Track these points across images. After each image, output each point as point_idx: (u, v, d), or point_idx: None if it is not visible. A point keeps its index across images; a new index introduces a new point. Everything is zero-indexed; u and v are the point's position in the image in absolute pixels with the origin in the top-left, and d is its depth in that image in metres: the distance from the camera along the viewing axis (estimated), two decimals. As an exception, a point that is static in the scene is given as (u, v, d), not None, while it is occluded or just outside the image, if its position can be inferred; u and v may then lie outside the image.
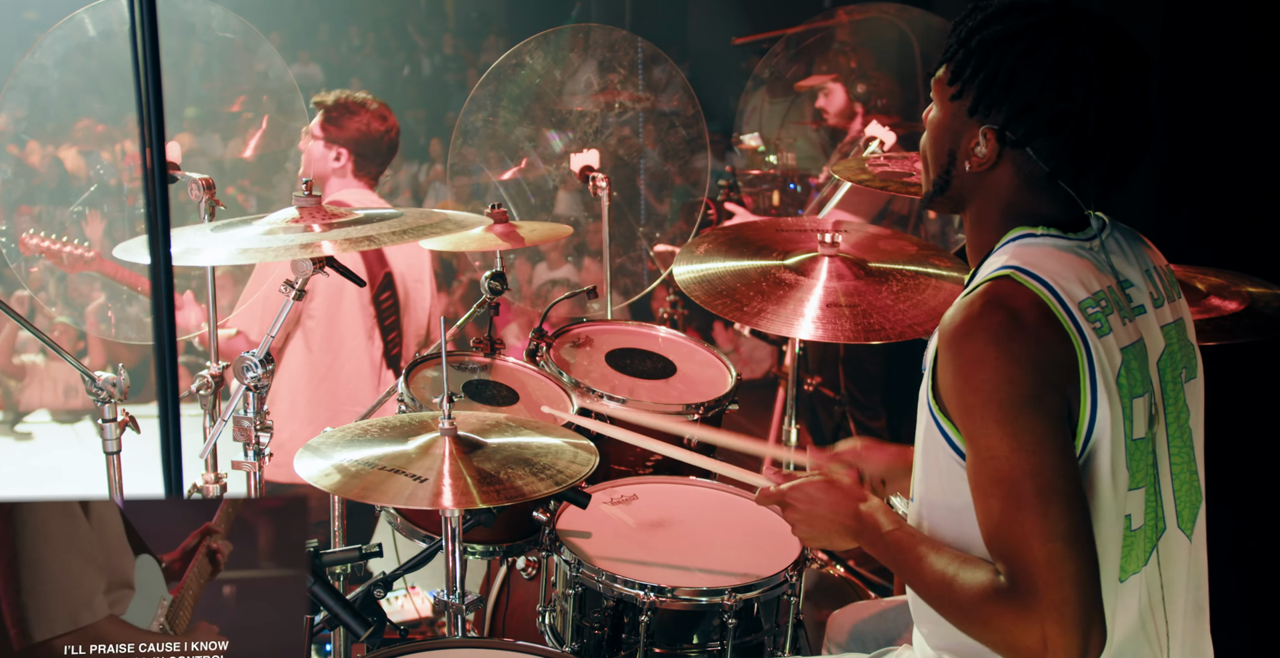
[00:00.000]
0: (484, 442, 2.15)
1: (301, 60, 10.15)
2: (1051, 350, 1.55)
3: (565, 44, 4.21)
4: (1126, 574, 1.64)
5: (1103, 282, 1.63)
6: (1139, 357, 1.63)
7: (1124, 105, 1.61)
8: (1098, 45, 1.60)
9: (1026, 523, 1.49)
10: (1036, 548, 1.47)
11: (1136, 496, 1.63)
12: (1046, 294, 1.57)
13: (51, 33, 3.12)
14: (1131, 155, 1.65)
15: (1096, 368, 1.55)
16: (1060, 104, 1.60)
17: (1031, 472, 1.50)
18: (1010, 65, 1.62)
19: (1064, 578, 1.46)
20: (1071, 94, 1.60)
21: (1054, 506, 1.48)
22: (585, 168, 3.50)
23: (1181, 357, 1.73)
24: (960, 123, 1.71)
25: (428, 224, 2.24)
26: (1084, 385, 1.55)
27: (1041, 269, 1.60)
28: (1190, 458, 1.74)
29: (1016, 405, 1.51)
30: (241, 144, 4.20)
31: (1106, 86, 1.60)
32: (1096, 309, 1.59)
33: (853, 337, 2.63)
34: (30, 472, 5.78)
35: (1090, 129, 1.61)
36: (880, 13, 4.87)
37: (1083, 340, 1.56)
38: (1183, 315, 1.76)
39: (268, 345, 2.17)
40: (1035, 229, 1.67)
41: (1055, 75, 1.60)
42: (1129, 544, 1.63)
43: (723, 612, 2.16)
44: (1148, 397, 1.64)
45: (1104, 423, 1.56)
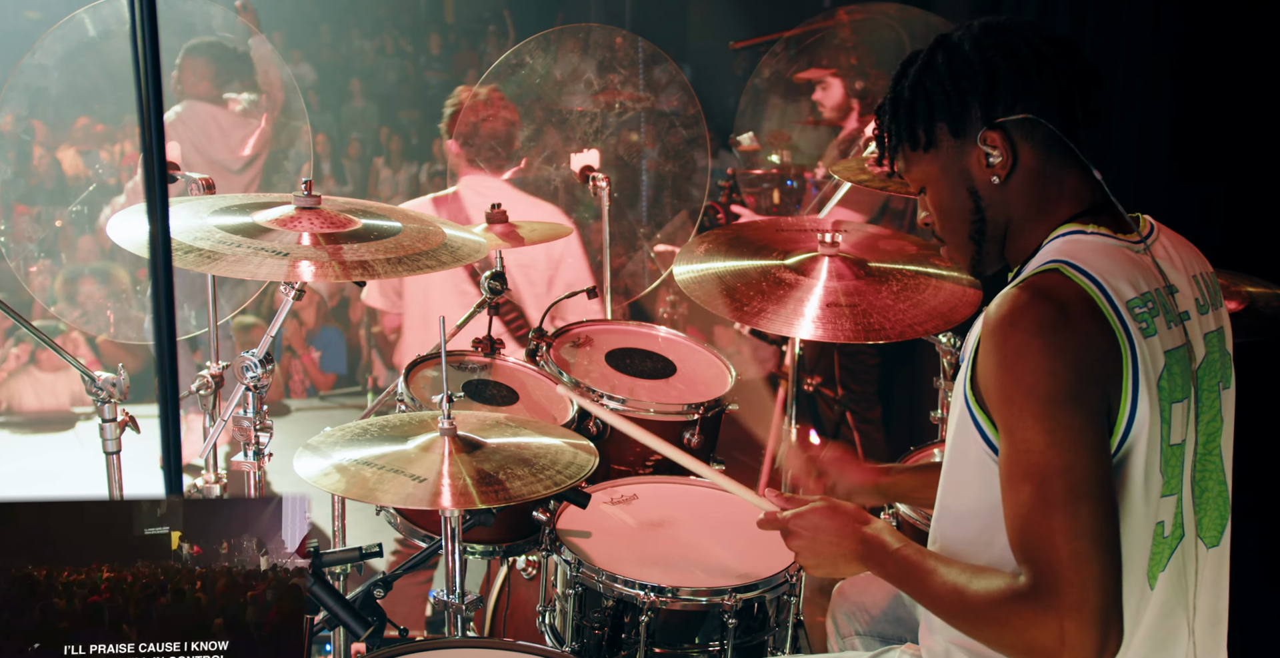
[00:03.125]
0: (483, 442, 2.15)
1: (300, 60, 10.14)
2: (1096, 346, 1.53)
3: (565, 44, 4.21)
4: (1155, 580, 1.63)
5: (1150, 283, 1.62)
6: (1181, 362, 1.61)
7: (1030, 38, 1.67)
8: (984, 21, 1.71)
9: (1054, 519, 1.47)
10: (1061, 545, 1.46)
11: (1169, 502, 1.62)
12: (1094, 289, 1.56)
13: (51, 33, 3.12)
14: (1089, 82, 1.68)
15: (1140, 368, 1.54)
16: (1008, 64, 1.66)
17: (1064, 469, 1.48)
18: (942, 76, 1.69)
19: (1087, 578, 1.45)
20: (1002, 54, 1.66)
21: (1083, 505, 1.47)
22: (585, 168, 3.50)
23: (1220, 365, 1.72)
24: (955, 156, 1.72)
25: (424, 252, 2.20)
26: (1126, 384, 1.54)
27: (1090, 265, 1.59)
28: (1218, 468, 1.72)
29: (1057, 401, 1.50)
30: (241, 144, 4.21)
31: (1010, 30, 1.68)
32: (1144, 309, 1.58)
33: (853, 337, 2.63)
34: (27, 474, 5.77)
35: (1032, 65, 1.66)
36: (880, 13, 4.87)
37: (1128, 338, 1.54)
38: (1224, 324, 1.75)
39: (267, 345, 2.17)
40: (1085, 227, 1.66)
41: (978, 49, 1.67)
42: (1158, 550, 1.62)
43: (723, 612, 2.16)
44: (1186, 403, 1.62)
45: (1142, 424, 1.54)
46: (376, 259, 2.11)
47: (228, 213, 2.21)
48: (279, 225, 2.17)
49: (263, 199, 2.32)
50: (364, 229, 2.22)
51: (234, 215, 2.20)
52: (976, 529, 1.67)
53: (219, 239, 2.06)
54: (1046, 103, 1.66)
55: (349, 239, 2.16)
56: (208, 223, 2.13)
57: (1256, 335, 2.52)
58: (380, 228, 2.25)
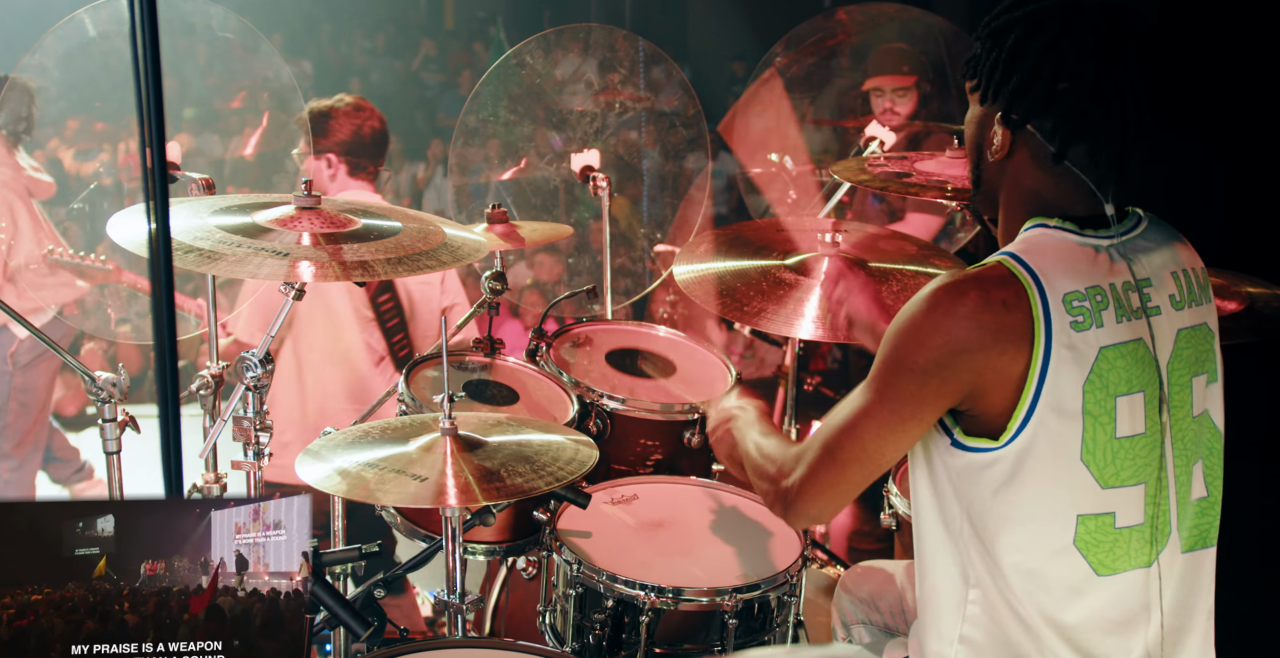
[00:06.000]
0: (485, 440, 2.15)
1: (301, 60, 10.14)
2: (997, 338, 1.59)
3: (565, 44, 4.21)
4: (1109, 570, 1.65)
5: (1106, 279, 1.64)
6: (1132, 355, 1.63)
7: (1121, 81, 1.62)
8: (1096, 24, 1.63)
9: (828, 467, 1.72)
10: (818, 483, 1.73)
11: (1126, 493, 1.64)
12: (1029, 282, 1.60)
13: (51, 33, 3.12)
14: (1139, 132, 1.65)
15: (1053, 360, 1.58)
16: (1056, 82, 1.63)
17: (865, 435, 1.67)
18: (1010, 49, 1.67)
19: (816, 507, 1.76)
20: (1065, 71, 1.63)
21: (853, 467, 1.71)
22: (585, 168, 3.50)
23: (1198, 360, 1.72)
24: (983, 115, 1.76)
25: (424, 252, 2.20)
26: (1033, 374, 1.58)
27: (1033, 257, 1.63)
28: (1212, 464, 1.73)
29: (905, 369, 1.63)
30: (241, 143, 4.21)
31: (1101, 63, 1.62)
32: (1084, 303, 1.61)
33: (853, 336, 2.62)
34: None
35: (1086, 104, 1.63)
36: (880, 13, 4.86)
37: (1047, 331, 1.58)
38: (1207, 320, 1.74)
39: (267, 345, 2.17)
40: (1050, 220, 1.69)
41: (1049, 53, 1.64)
42: (1112, 541, 1.64)
43: (723, 612, 2.16)
44: (1142, 396, 1.64)
45: (1050, 415, 1.59)
46: (377, 259, 2.11)
47: (228, 213, 2.21)
48: (279, 225, 2.17)
49: (263, 199, 2.32)
50: (364, 229, 2.22)
51: (234, 215, 2.20)
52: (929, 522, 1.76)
53: (219, 239, 2.06)
54: (1060, 129, 1.66)
55: (349, 239, 2.16)
56: (208, 223, 2.13)
57: (1256, 335, 2.51)
58: (380, 228, 2.25)
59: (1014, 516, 1.63)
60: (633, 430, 2.68)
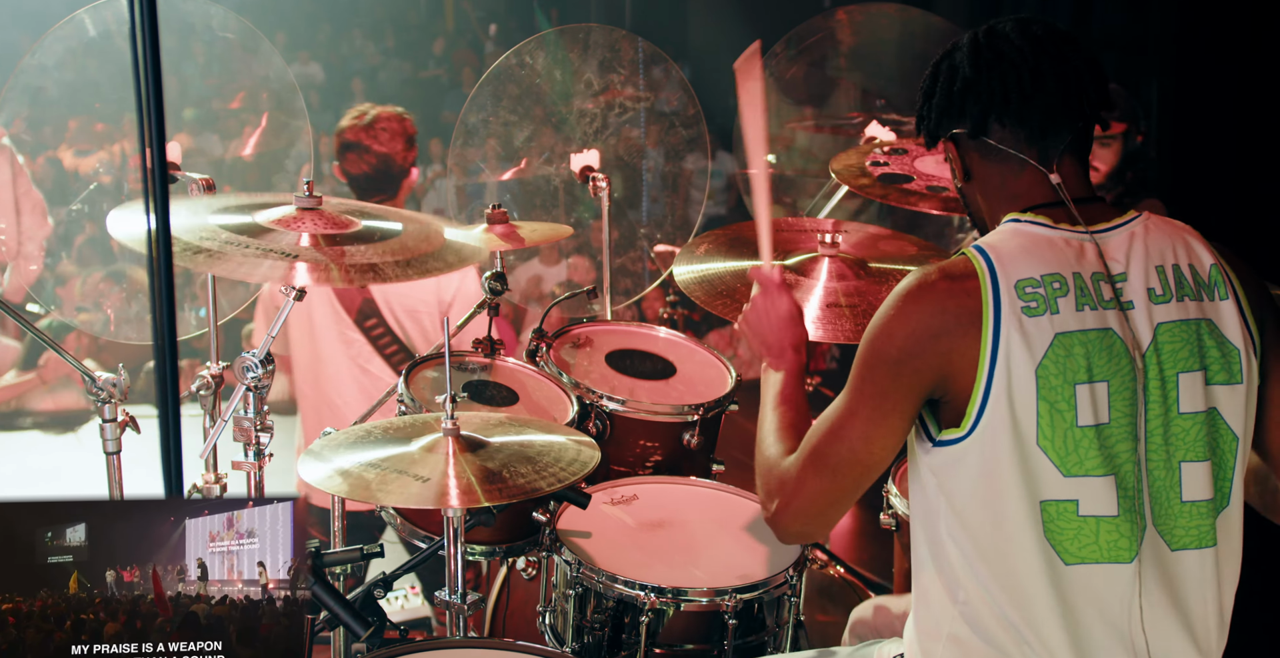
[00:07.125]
0: (486, 440, 2.15)
1: (302, 60, 10.14)
2: (953, 321, 1.65)
3: (565, 44, 4.21)
4: (1076, 559, 1.67)
5: (1071, 268, 1.68)
6: (1096, 344, 1.65)
7: (1003, 48, 1.74)
8: (977, 33, 1.78)
9: (814, 475, 1.76)
10: (808, 492, 1.77)
11: (1091, 483, 1.66)
12: (983, 268, 1.66)
13: (51, 33, 3.12)
14: (1036, 85, 1.73)
15: (1001, 344, 1.63)
16: (954, 83, 1.78)
17: (850, 436, 1.71)
18: (924, 92, 1.85)
19: (808, 516, 1.80)
20: (960, 72, 1.77)
21: (842, 472, 1.73)
22: (585, 168, 3.50)
23: (1189, 356, 1.70)
24: (942, 155, 1.88)
25: (429, 254, 2.18)
26: (983, 358, 1.63)
27: (994, 247, 1.70)
28: (1199, 457, 1.71)
29: (877, 361, 1.70)
30: (241, 143, 4.20)
31: (980, 45, 1.76)
32: (1039, 290, 1.65)
33: (853, 337, 2.63)
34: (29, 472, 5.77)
35: (971, 74, 1.76)
36: (880, 13, 4.86)
37: (995, 316, 1.64)
38: (1210, 317, 1.73)
39: (268, 345, 2.17)
40: (1023, 215, 1.75)
41: (947, 68, 1.80)
42: (1076, 529, 1.67)
43: (723, 613, 2.16)
44: (1106, 385, 1.66)
45: (1002, 400, 1.64)
46: (385, 261, 2.11)
47: (228, 213, 2.21)
48: (280, 226, 2.17)
49: (264, 199, 2.32)
50: (365, 230, 2.22)
51: (235, 215, 2.20)
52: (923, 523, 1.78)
53: (225, 240, 2.06)
54: (995, 111, 1.77)
55: (350, 240, 2.16)
56: (208, 223, 2.13)
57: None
58: (381, 229, 2.25)
59: (989, 506, 1.67)
60: (632, 432, 2.68)
